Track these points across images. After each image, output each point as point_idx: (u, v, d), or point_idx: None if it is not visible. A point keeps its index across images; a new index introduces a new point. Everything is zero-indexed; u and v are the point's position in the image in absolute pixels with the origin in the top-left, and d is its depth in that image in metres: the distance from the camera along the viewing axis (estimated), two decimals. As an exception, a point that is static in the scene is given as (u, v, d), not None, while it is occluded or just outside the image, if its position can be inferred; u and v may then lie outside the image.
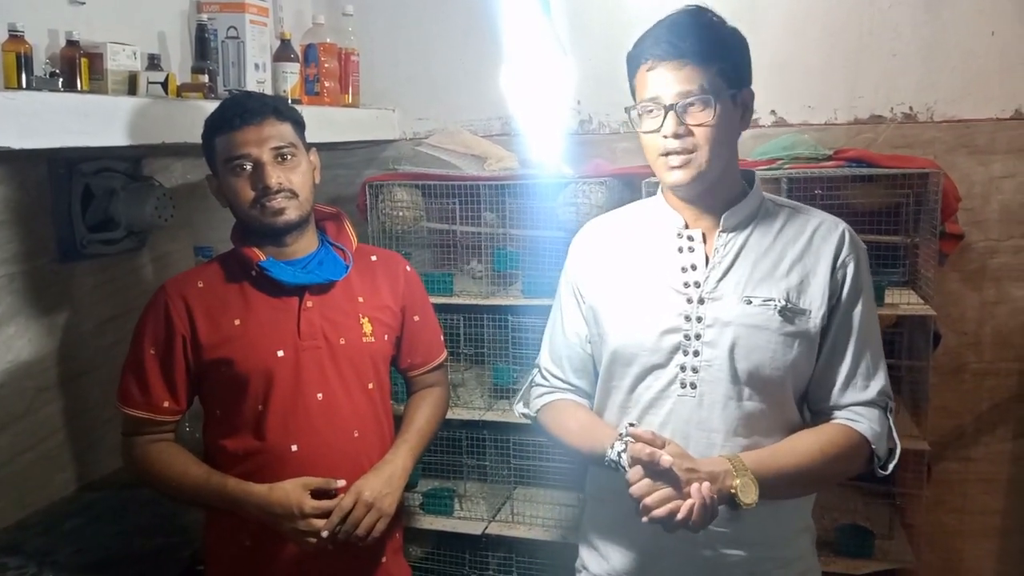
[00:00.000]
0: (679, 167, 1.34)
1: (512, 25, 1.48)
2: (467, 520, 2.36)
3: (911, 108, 2.35)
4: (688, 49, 1.31)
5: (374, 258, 1.76)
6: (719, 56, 1.33)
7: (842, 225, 1.42)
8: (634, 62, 1.38)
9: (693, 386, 1.37)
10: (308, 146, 1.65)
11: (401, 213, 2.39)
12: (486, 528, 2.32)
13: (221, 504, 1.56)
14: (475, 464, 2.44)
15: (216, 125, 1.56)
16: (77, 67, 1.65)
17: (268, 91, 2.20)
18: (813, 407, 1.44)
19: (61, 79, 1.58)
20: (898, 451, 1.41)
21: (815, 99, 2.41)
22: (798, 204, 1.47)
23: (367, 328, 1.66)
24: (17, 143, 1.36)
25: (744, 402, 1.37)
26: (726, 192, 1.41)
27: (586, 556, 1.56)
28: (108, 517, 2.01)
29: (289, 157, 1.57)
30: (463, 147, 2.48)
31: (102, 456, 2.22)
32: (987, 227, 2.33)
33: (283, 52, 2.25)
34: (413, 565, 2.31)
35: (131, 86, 1.76)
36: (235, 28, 2.10)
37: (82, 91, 1.64)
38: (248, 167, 1.54)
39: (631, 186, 2.37)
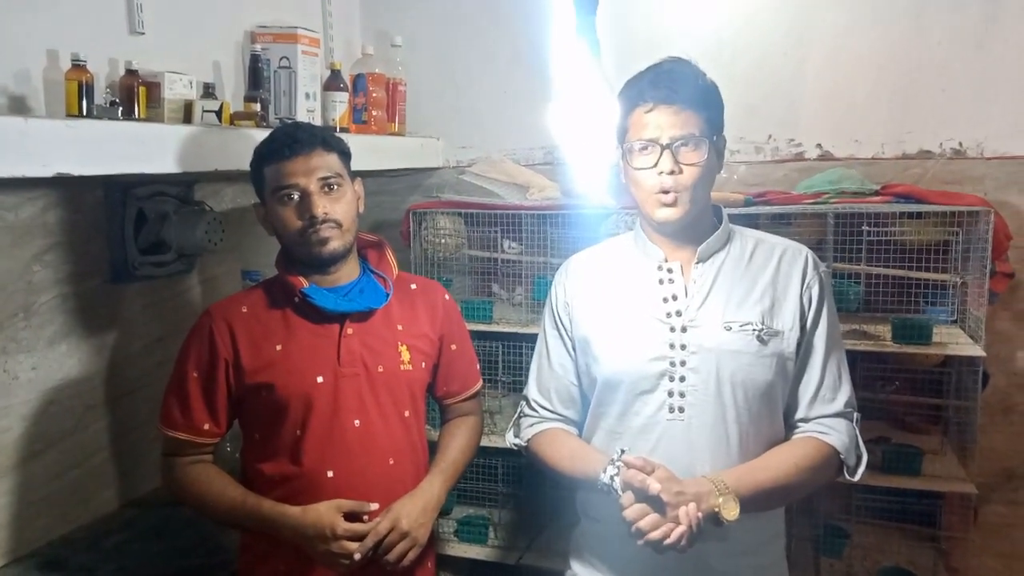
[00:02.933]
0: (670, 205, 1.45)
1: (557, 58, 1.51)
2: (501, 549, 2.35)
3: (961, 144, 2.32)
4: (684, 96, 1.43)
5: (414, 286, 1.77)
6: (706, 105, 1.46)
7: (805, 250, 1.55)
8: (630, 103, 1.47)
9: (681, 410, 1.46)
10: (354, 176, 1.68)
11: (443, 240, 2.42)
12: (520, 558, 2.31)
13: (256, 525, 1.58)
14: (511, 493, 2.43)
15: (265, 155, 1.60)
16: (135, 95, 1.71)
17: (317, 119, 2.25)
18: (786, 421, 1.53)
19: (120, 107, 1.63)
20: (864, 459, 1.50)
21: (862, 133, 2.40)
22: (762, 233, 1.59)
23: (405, 356, 1.67)
24: (77, 169, 1.41)
25: (730, 423, 1.45)
26: (701, 226, 1.52)
27: (578, 568, 1.64)
28: (150, 535, 2.04)
29: (335, 187, 1.59)
30: (506, 176, 2.50)
31: (146, 474, 2.26)
32: (1039, 266, 2.28)
33: (333, 82, 2.30)
34: (446, 593, 2.31)
35: (186, 114, 1.82)
36: (287, 58, 2.16)
37: (140, 119, 1.70)
38: (296, 196, 1.57)
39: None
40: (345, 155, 1.65)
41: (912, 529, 2.26)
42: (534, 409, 1.66)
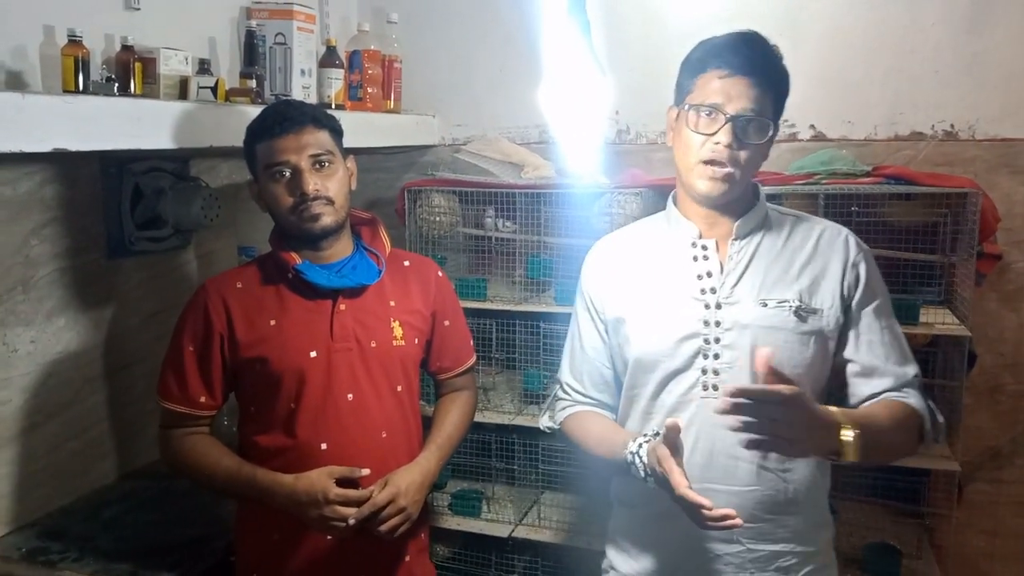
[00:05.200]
0: (719, 179, 1.40)
1: (551, 38, 1.51)
2: (494, 522, 2.38)
3: (952, 126, 2.33)
4: (763, 71, 1.39)
5: (407, 263, 1.80)
6: (778, 87, 1.42)
7: (844, 230, 1.52)
8: (702, 64, 1.41)
9: (715, 388, 1.43)
10: (346, 153, 1.70)
11: (438, 218, 2.43)
12: (513, 531, 2.34)
13: (251, 494, 1.61)
14: (504, 467, 2.47)
15: (257, 133, 1.62)
16: (131, 71, 1.72)
17: (313, 96, 2.26)
18: (853, 399, 1.47)
19: (116, 83, 1.64)
20: (942, 423, 1.47)
21: (855, 114, 2.40)
22: (800, 212, 1.56)
23: (398, 332, 1.70)
24: (74, 145, 1.43)
25: None
26: (739, 203, 1.49)
27: (614, 557, 1.61)
28: (147, 506, 2.08)
29: (327, 164, 1.61)
30: (501, 154, 2.51)
31: (143, 446, 2.30)
32: (1027, 248, 2.30)
33: (328, 58, 2.31)
34: (439, 565, 2.35)
35: (182, 90, 1.83)
36: (283, 35, 2.16)
37: (136, 95, 1.71)
38: (287, 174, 1.59)
39: (666, 197, 2.38)
40: (337, 132, 1.67)
41: (897, 506, 2.29)
42: (567, 393, 1.63)
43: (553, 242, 2.43)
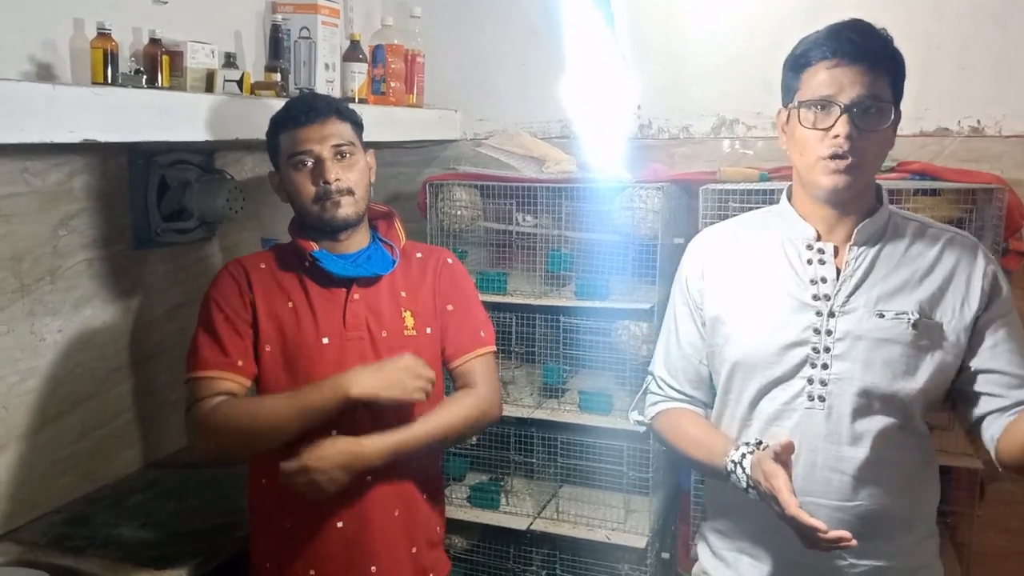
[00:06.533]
0: (843, 172, 1.32)
1: (574, 32, 1.51)
2: (513, 515, 2.39)
3: (979, 121, 2.31)
4: (874, 55, 1.31)
5: (419, 255, 1.80)
6: (893, 70, 1.34)
7: (972, 239, 1.42)
8: (807, 57, 1.36)
9: (822, 399, 1.37)
10: (366, 147, 1.71)
11: (459, 212, 2.44)
12: (531, 524, 2.35)
13: (299, 411, 1.54)
14: (522, 461, 2.47)
15: (282, 123, 1.64)
16: (159, 64, 1.74)
17: (336, 90, 2.27)
18: (983, 410, 1.38)
19: (144, 76, 1.66)
20: None
21: (879, 110, 2.38)
22: (925, 219, 1.46)
23: (409, 321, 1.70)
24: (103, 136, 1.45)
25: (875, 415, 1.36)
26: (862, 204, 1.40)
27: (708, 562, 1.56)
28: (170, 495, 2.11)
29: (348, 155, 1.63)
30: (522, 149, 2.51)
31: (167, 436, 2.33)
32: (1054, 245, 2.27)
33: (352, 52, 2.32)
34: (457, 556, 2.37)
35: (208, 83, 1.84)
36: (307, 29, 2.18)
37: (163, 88, 1.73)
38: (309, 163, 1.61)
39: (689, 192, 2.39)
40: (358, 125, 1.69)
41: (918, 504, 2.28)
42: (660, 387, 1.58)
43: (574, 236, 2.43)
